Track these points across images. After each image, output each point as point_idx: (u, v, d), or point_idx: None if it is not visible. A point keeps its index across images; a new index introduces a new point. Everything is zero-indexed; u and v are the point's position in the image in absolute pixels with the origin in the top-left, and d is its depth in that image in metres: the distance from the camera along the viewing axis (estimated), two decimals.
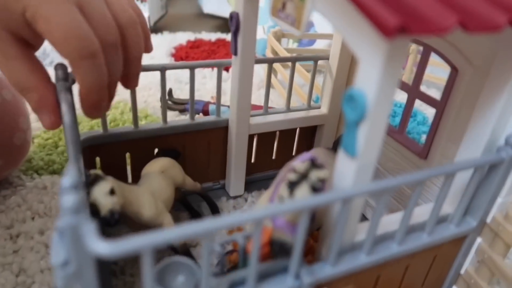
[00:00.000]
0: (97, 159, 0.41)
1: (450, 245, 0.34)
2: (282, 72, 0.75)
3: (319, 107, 0.51)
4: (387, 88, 0.22)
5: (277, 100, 0.75)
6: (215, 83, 0.81)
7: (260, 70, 0.89)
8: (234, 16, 0.38)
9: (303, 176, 0.24)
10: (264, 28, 0.89)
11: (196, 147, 0.46)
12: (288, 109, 0.49)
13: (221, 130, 0.46)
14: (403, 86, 0.41)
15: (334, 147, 0.41)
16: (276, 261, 0.26)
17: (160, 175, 0.39)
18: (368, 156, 0.25)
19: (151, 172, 0.39)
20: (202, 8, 1.23)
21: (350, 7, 0.22)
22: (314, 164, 0.25)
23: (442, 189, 0.29)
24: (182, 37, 1.09)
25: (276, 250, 0.25)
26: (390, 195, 0.36)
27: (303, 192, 0.24)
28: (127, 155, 0.43)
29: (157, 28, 1.20)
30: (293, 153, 0.53)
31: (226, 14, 1.18)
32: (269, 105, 0.49)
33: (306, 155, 0.27)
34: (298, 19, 0.28)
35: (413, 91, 0.40)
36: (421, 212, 0.32)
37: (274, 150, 0.51)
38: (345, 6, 0.23)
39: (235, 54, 0.40)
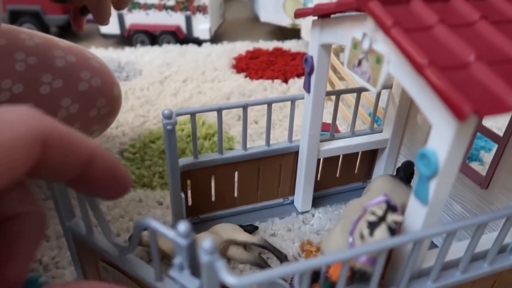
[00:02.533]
0: (188, 181, 0.48)
1: (509, 271, 0.37)
2: (337, 84, 0.79)
3: (381, 131, 0.54)
4: (456, 151, 0.27)
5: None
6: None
7: None
8: (309, 60, 0.43)
9: (381, 218, 0.29)
10: None
11: (270, 169, 0.52)
12: (353, 134, 0.53)
13: (292, 155, 0.51)
14: None
15: (398, 174, 0.45)
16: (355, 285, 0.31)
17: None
18: (437, 204, 0.29)
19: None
20: (258, 16, 1.28)
21: (426, 85, 0.26)
22: (389, 206, 0.30)
23: (502, 229, 0.32)
24: (241, 47, 1.15)
25: (357, 277, 0.30)
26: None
27: (381, 233, 0.29)
28: (212, 177, 0.49)
29: (217, 37, 1.27)
30: (355, 172, 0.58)
31: (282, 22, 1.22)
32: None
33: (381, 198, 0.31)
34: (374, 78, 0.33)
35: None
36: (481, 241, 0.36)
37: (338, 170, 0.56)
38: (421, 81, 0.27)
39: (308, 92, 0.45)
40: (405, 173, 0.45)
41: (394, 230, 0.29)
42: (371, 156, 0.57)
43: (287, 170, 0.53)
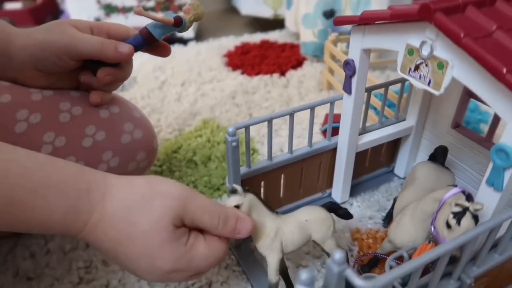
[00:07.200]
0: None
1: None
2: (339, 71, 0.81)
3: (403, 119, 0.59)
4: None
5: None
6: (279, 91, 0.89)
7: (316, 73, 0.96)
8: (351, 64, 0.46)
9: (465, 208, 0.33)
10: (315, 32, 0.96)
11: (311, 167, 0.55)
12: (382, 125, 0.57)
13: (330, 152, 0.55)
14: None
15: (437, 160, 0.49)
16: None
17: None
18: (508, 190, 0.33)
19: None
20: (238, 9, 1.28)
21: (502, 87, 0.30)
22: (467, 196, 0.34)
23: None
24: (228, 42, 1.16)
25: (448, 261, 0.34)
26: None
27: (467, 221, 0.33)
28: (262, 183, 0.52)
29: (199, 35, 1.26)
30: (381, 159, 0.62)
31: (264, 13, 1.23)
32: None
33: (457, 189, 0.35)
34: (436, 82, 0.36)
35: None
36: None
37: (367, 159, 0.60)
38: (491, 84, 0.31)
39: (349, 93, 0.48)
40: (444, 158, 0.49)
41: (477, 217, 0.33)
42: (395, 142, 0.61)
43: (325, 166, 0.56)
